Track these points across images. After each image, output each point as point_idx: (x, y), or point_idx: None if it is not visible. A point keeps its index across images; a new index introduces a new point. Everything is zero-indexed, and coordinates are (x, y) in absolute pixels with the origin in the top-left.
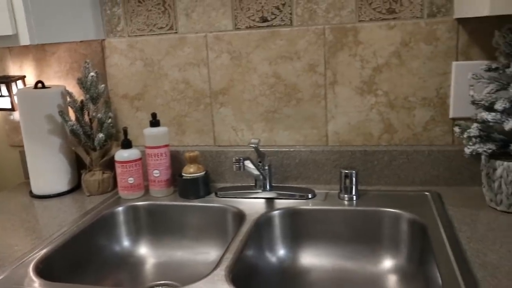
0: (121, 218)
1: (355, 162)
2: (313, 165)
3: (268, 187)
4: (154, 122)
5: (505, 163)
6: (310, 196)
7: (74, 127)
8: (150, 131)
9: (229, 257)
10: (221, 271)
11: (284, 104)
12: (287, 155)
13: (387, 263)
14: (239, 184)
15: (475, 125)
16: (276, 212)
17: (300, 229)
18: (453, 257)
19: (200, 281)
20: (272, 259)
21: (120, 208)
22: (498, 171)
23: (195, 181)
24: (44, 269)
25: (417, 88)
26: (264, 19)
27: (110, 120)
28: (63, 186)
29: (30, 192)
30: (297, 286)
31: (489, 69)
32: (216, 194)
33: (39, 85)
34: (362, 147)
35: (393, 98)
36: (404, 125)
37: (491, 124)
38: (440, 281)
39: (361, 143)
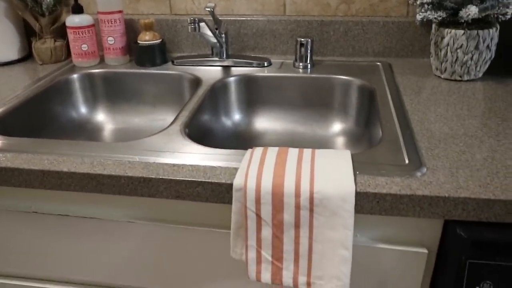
0: (76, 85)
1: (312, 32)
2: (270, 35)
3: (224, 55)
4: None
5: (453, 31)
6: (266, 64)
7: None
8: None
9: (184, 114)
10: (176, 126)
11: None
12: (245, 24)
13: (337, 126)
14: (196, 53)
15: None
16: (232, 78)
17: (255, 95)
18: (395, 114)
19: (156, 134)
20: (227, 122)
21: (75, 75)
22: (446, 39)
23: (151, 48)
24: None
25: None
26: None
27: None
28: (13, 54)
29: None
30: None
31: None
32: (172, 62)
33: None
34: (319, 17)
35: None
36: None
37: None
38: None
39: (318, 13)
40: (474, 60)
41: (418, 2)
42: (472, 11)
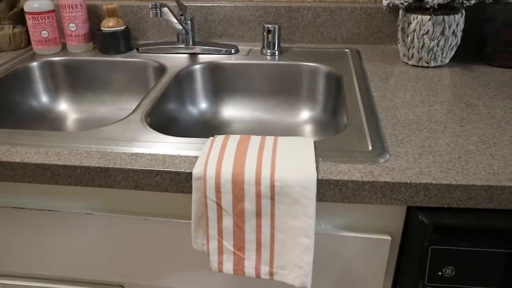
0: (36, 73)
1: (280, 19)
2: (238, 21)
3: (191, 42)
4: None
5: (419, 16)
6: (233, 51)
7: None
8: None
9: (146, 103)
10: (137, 115)
11: None
12: (211, 11)
13: (304, 114)
14: (162, 41)
15: None
16: (197, 66)
17: (222, 83)
18: (361, 101)
19: (115, 123)
20: (194, 111)
21: (35, 63)
22: (412, 25)
23: (114, 35)
24: None
25: None
26: None
27: None
28: None
29: None
30: None
31: None
32: (138, 50)
33: None
34: (287, 3)
35: None
36: None
37: None
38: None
39: None
40: (441, 46)
41: None
42: None
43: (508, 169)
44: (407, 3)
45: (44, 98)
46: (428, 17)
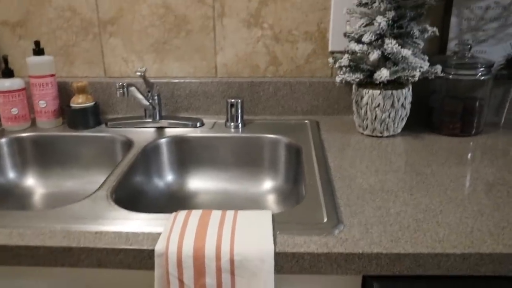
0: (4, 149)
1: (243, 93)
2: (203, 96)
3: (157, 117)
4: (38, 51)
5: (370, 90)
6: (198, 124)
7: None
8: (33, 59)
9: (112, 179)
10: (103, 192)
11: (174, 36)
12: (178, 86)
13: (267, 184)
14: (131, 115)
15: (346, 56)
16: (163, 140)
17: (187, 155)
18: (318, 172)
19: (81, 201)
20: (160, 184)
21: (3, 140)
22: (365, 99)
23: (83, 111)
24: None
25: (300, 22)
26: None
27: None
28: None
29: None
30: (184, 208)
31: (360, 4)
32: (106, 124)
33: None
34: (249, 78)
35: (278, 32)
36: (288, 58)
37: (359, 55)
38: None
39: (248, 75)
40: (392, 118)
41: (336, 65)
42: (383, 74)
43: (452, 237)
44: (358, 79)
45: (11, 174)
46: (379, 91)
